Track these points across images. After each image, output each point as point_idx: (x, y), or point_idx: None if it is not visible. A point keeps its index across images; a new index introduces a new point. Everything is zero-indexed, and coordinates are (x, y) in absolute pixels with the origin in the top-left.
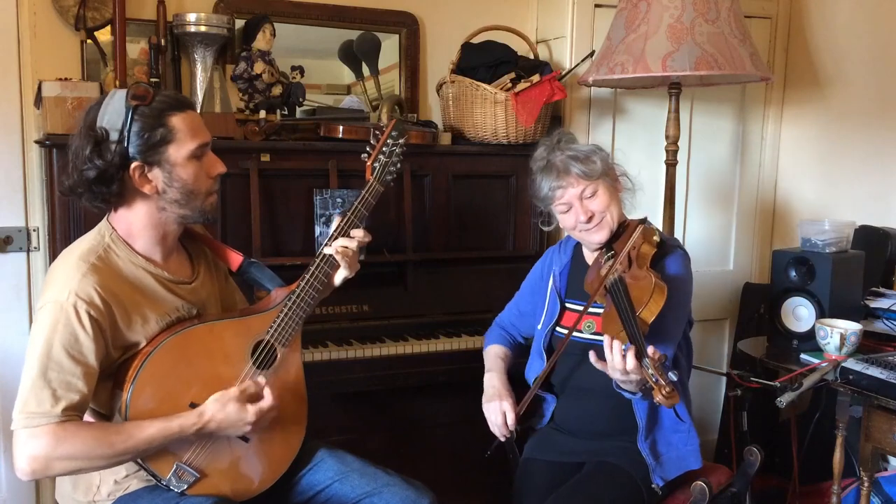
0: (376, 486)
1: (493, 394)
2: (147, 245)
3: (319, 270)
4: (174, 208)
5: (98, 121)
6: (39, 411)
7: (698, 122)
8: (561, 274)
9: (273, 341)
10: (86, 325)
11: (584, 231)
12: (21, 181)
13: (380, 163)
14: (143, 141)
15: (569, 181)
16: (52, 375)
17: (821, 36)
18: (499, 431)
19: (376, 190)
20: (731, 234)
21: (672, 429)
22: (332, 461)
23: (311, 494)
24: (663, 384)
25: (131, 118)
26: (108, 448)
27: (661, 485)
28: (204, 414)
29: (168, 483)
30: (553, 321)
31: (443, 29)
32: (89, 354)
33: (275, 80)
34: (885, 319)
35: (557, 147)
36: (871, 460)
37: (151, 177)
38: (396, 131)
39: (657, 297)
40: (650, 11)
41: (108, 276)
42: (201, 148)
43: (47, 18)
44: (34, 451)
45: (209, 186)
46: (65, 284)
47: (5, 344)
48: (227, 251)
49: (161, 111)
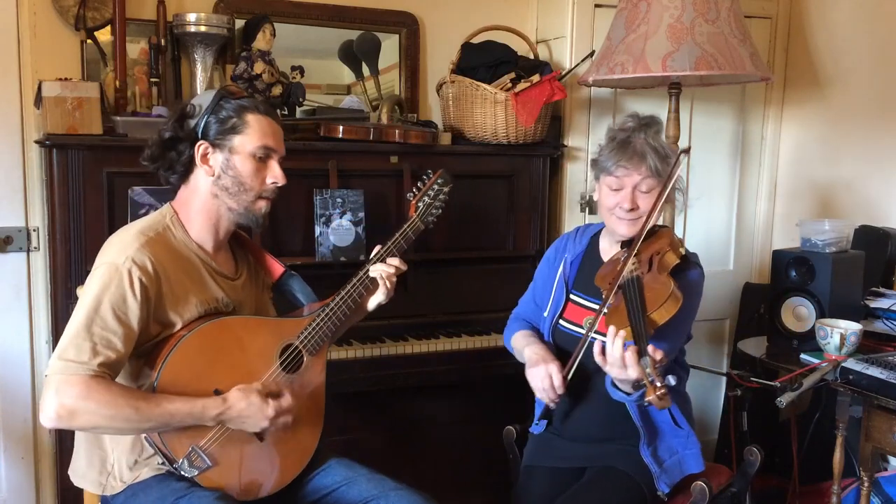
0: (383, 490)
1: (537, 359)
2: (201, 231)
3: (354, 290)
4: (224, 197)
5: (192, 99)
6: (77, 360)
7: (698, 122)
8: (572, 263)
9: (301, 347)
10: (136, 289)
11: (619, 218)
12: (21, 181)
13: (424, 203)
14: (218, 124)
15: (638, 168)
16: (95, 330)
17: (821, 36)
18: (547, 396)
19: (417, 227)
20: (731, 234)
21: (671, 434)
22: (341, 467)
23: (317, 497)
24: (658, 385)
25: (217, 103)
26: (134, 411)
27: (666, 491)
28: (227, 400)
29: (180, 467)
30: (558, 312)
31: (443, 29)
32: (133, 318)
33: (275, 80)
34: (885, 319)
35: (645, 130)
36: (871, 460)
37: (212, 158)
38: (443, 179)
39: (670, 305)
40: (650, 11)
41: (163, 251)
42: (266, 150)
43: (47, 18)
44: (64, 398)
45: (261, 189)
46: (122, 250)
47: (5, 344)
48: (271, 260)
49: (243, 107)
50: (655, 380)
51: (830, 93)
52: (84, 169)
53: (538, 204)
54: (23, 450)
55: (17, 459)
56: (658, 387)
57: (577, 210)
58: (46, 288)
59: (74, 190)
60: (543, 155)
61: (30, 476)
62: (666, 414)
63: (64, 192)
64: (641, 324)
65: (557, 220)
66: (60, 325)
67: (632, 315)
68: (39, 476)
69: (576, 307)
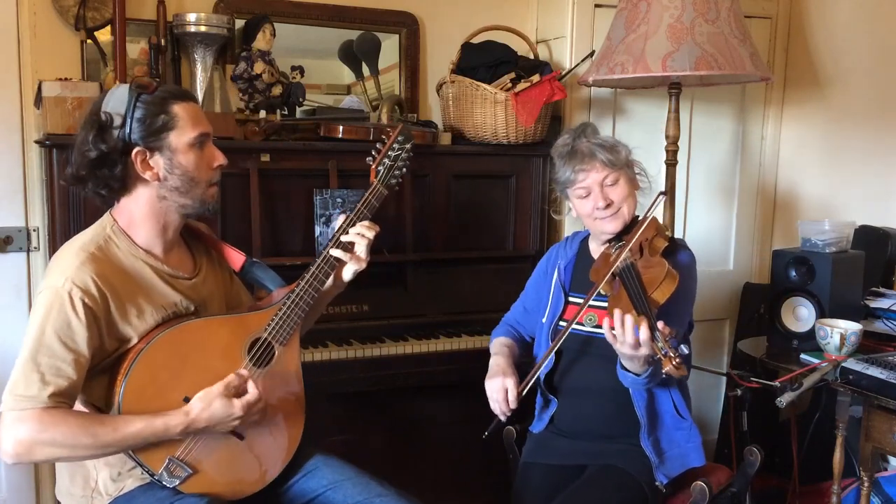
0: (368, 497)
1: (497, 371)
2: (148, 237)
3: (319, 270)
4: (175, 196)
5: (102, 108)
6: (27, 395)
7: (698, 122)
8: (566, 268)
9: (270, 339)
10: (79, 312)
11: (600, 219)
12: (21, 181)
13: (384, 166)
14: (146, 126)
15: (593, 166)
16: (42, 360)
17: (821, 36)
18: (499, 408)
19: (379, 192)
20: (731, 234)
21: (674, 426)
22: (326, 469)
23: (303, 501)
24: (673, 356)
25: (134, 104)
26: (92, 438)
27: (664, 482)
28: (190, 413)
29: (160, 478)
30: (558, 314)
31: (443, 29)
32: (81, 342)
33: (275, 80)
34: (885, 319)
35: (583, 135)
36: (871, 460)
37: (153, 163)
38: (402, 136)
39: (669, 283)
40: (650, 11)
41: (106, 266)
42: (202, 137)
43: (47, 18)
44: (18, 434)
45: (210, 177)
46: (62, 272)
47: (5, 344)
48: (229, 251)
49: (164, 99)
50: (669, 351)
51: (830, 93)
52: None
53: (538, 204)
54: None
55: None
56: (673, 357)
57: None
58: None
59: (74, 190)
60: (543, 155)
61: (30, 476)
62: (668, 404)
63: (64, 192)
64: (645, 304)
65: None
66: None
67: (634, 298)
68: (39, 476)
69: (576, 308)
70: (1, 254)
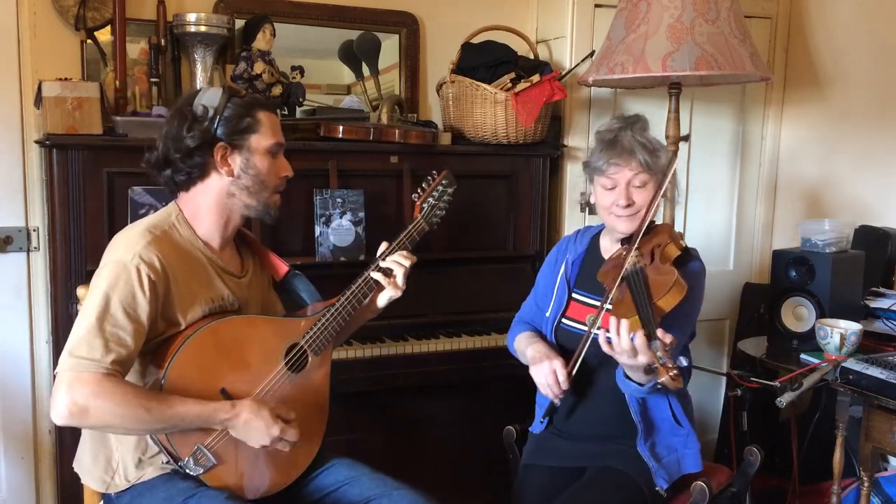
0: (385, 490)
1: (541, 356)
2: (209, 229)
3: (360, 290)
4: (243, 196)
5: (196, 102)
6: (90, 358)
7: (698, 122)
8: (574, 263)
9: (307, 346)
10: (145, 285)
11: (617, 216)
12: (21, 181)
13: (429, 204)
14: (233, 125)
15: (628, 163)
16: (107, 327)
17: (821, 36)
18: (552, 392)
19: (422, 228)
20: (731, 234)
21: (670, 432)
22: (343, 466)
23: (320, 496)
24: (670, 366)
25: (227, 103)
26: (145, 411)
27: (664, 487)
28: (237, 407)
29: (185, 465)
30: (560, 311)
31: (443, 29)
32: (143, 314)
33: (275, 80)
34: (885, 319)
35: (631, 127)
36: (871, 460)
37: (231, 160)
38: (447, 180)
39: (676, 292)
40: (650, 11)
41: (170, 249)
42: (278, 146)
43: (47, 18)
44: (76, 396)
45: (276, 185)
46: (130, 248)
47: (5, 344)
48: (275, 259)
49: (251, 104)
50: (667, 361)
51: (830, 93)
52: (84, 169)
53: (538, 204)
54: (23, 450)
55: (17, 459)
56: (670, 367)
57: (577, 210)
58: (46, 288)
59: (74, 190)
60: (543, 155)
61: (30, 476)
62: (666, 411)
63: (64, 192)
64: (649, 310)
65: (557, 220)
66: (60, 324)
67: (638, 303)
68: (39, 476)
69: (578, 305)
70: (1, 254)
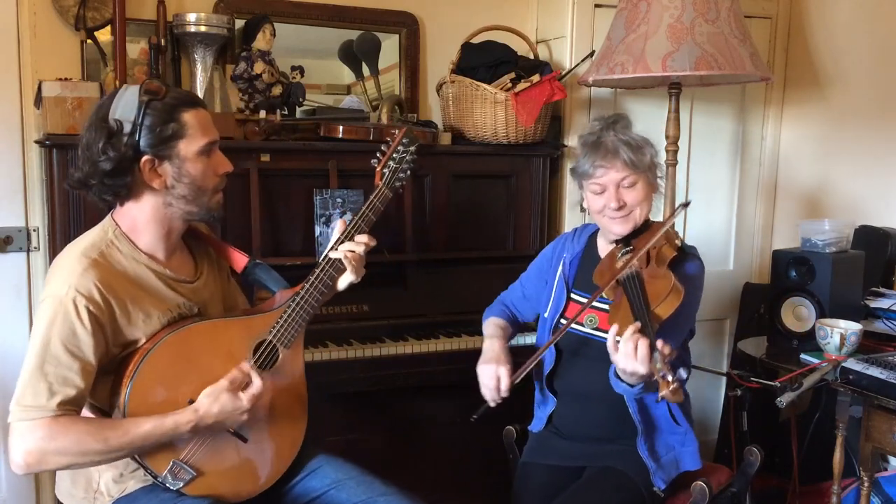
0: (372, 496)
1: (491, 357)
2: (150, 241)
3: (324, 273)
4: (181, 204)
5: (111, 113)
6: (35, 405)
7: (698, 122)
8: (571, 263)
9: (275, 342)
10: (84, 320)
11: (610, 219)
12: (21, 181)
13: (389, 168)
14: (155, 135)
15: (613, 164)
16: (48, 369)
17: (821, 36)
18: (489, 395)
19: (385, 195)
20: (731, 234)
21: (669, 431)
22: (330, 469)
23: (306, 501)
24: (671, 380)
25: (144, 112)
26: (103, 443)
27: (662, 487)
28: (198, 410)
29: (164, 480)
30: (560, 311)
31: (443, 29)
32: (87, 350)
33: (275, 80)
34: (885, 319)
35: (612, 127)
36: (871, 460)
37: (161, 171)
38: (407, 139)
39: (673, 298)
40: (650, 11)
41: (110, 272)
42: (211, 145)
43: (47, 18)
44: (29, 444)
45: (216, 184)
46: (65, 280)
47: (5, 344)
48: (232, 252)
49: (173, 107)
50: (667, 374)
51: (830, 93)
52: None
53: (538, 204)
54: None
55: None
56: (670, 381)
57: (577, 210)
58: None
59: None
60: (543, 155)
61: (30, 476)
62: (664, 410)
63: (64, 192)
64: (647, 317)
65: (557, 220)
66: None
67: (636, 310)
68: (39, 476)
69: (577, 306)
70: (1, 254)
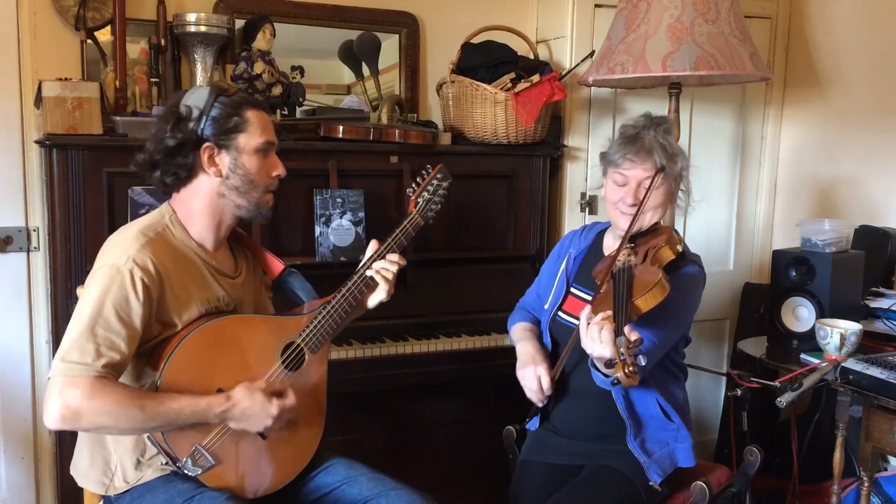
0: (383, 489)
1: (528, 359)
2: (202, 231)
3: (355, 286)
4: (233, 196)
5: (182, 101)
6: (81, 362)
7: (698, 122)
8: (576, 258)
9: (303, 345)
10: (138, 289)
11: (621, 212)
12: (21, 181)
13: (423, 199)
14: (219, 125)
15: (644, 162)
16: (99, 331)
17: (821, 36)
18: (535, 397)
19: (417, 223)
20: (731, 234)
21: (660, 428)
22: (342, 466)
23: (319, 495)
24: (629, 363)
25: (212, 103)
26: (139, 410)
27: (658, 481)
28: (231, 398)
29: (184, 466)
30: (557, 304)
31: (443, 29)
32: (136, 319)
33: (275, 80)
34: (885, 319)
35: (654, 128)
36: (871, 460)
37: (219, 160)
38: (441, 174)
39: (656, 293)
40: (650, 11)
41: (164, 251)
42: (268, 144)
43: (47, 18)
44: (68, 399)
45: (268, 184)
46: (124, 251)
47: (5, 344)
48: (270, 257)
49: (239, 103)
50: (627, 358)
51: (830, 93)
52: (84, 169)
53: (538, 204)
54: (23, 450)
55: (17, 459)
56: (627, 363)
57: (577, 210)
58: (46, 288)
59: (74, 190)
60: (543, 155)
61: (30, 476)
62: (654, 407)
63: (64, 192)
64: (623, 306)
65: (557, 220)
66: (60, 325)
67: (616, 299)
68: (39, 476)
69: (575, 300)
70: (1, 254)
